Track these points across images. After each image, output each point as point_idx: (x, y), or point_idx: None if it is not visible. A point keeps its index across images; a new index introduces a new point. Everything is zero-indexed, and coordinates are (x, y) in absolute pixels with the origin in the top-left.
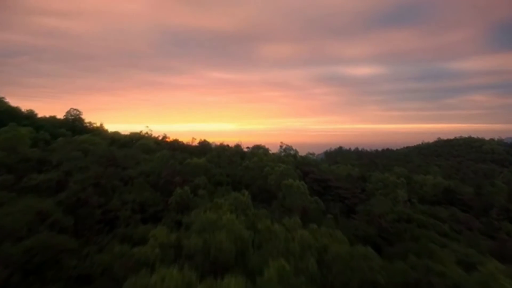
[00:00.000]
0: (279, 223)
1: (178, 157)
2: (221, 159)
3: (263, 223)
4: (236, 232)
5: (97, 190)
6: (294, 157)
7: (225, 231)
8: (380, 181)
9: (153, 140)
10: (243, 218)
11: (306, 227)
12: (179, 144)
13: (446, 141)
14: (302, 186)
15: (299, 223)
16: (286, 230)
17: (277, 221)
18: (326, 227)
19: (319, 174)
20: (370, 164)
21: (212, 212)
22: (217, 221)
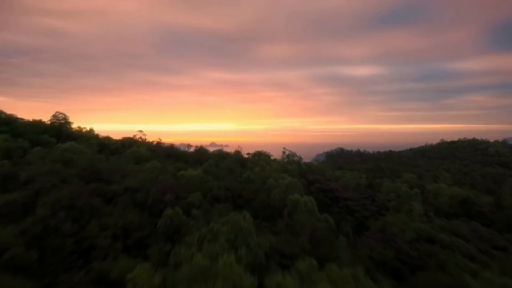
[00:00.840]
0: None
1: (171, 168)
2: (219, 169)
3: (271, 279)
4: (236, 280)
5: (71, 214)
6: (298, 164)
7: (221, 280)
8: (392, 191)
9: (147, 145)
10: (243, 252)
11: (323, 267)
12: (174, 149)
13: (450, 143)
14: (310, 203)
15: (315, 265)
16: (300, 279)
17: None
18: (347, 267)
19: (325, 183)
20: (376, 169)
21: (205, 252)
22: (211, 268)
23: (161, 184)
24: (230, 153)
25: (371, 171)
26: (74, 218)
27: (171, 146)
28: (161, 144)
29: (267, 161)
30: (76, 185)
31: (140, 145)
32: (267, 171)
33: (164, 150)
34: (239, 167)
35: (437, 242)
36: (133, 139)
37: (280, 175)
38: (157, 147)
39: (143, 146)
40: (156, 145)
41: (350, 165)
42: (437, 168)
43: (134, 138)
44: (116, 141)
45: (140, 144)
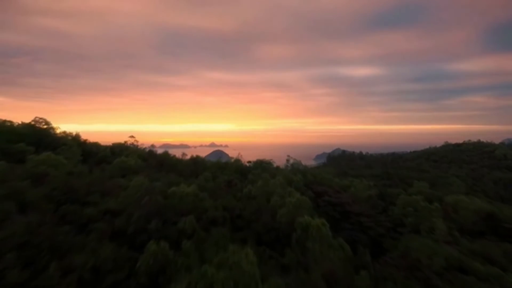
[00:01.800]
0: None
1: (161, 184)
2: (216, 183)
3: None
4: None
5: (25, 255)
6: (303, 174)
7: None
8: (409, 205)
9: (139, 152)
10: None
11: None
12: (168, 158)
13: (454, 145)
14: (323, 227)
15: None
16: None
17: None
18: None
19: (335, 195)
20: (384, 175)
21: None
22: None
23: (146, 207)
24: (229, 161)
25: (378, 177)
26: (29, 261)
27: (165, 153)
28: (153, 152)
29: (271, 171)
30: (39, 212)
31: (131, 153)
32: (271, 185)
33: (156, 158)
34: (239, 180)
35: (471, 273)
36: (124, 145)
37: (286, 191)
38: (150, 154)
39: (135, 153)
40: (149, 153)
41: (355, 171)
42: (446, 173)
43: (126, 144)
44: (105, 148)
45: (131, 151)
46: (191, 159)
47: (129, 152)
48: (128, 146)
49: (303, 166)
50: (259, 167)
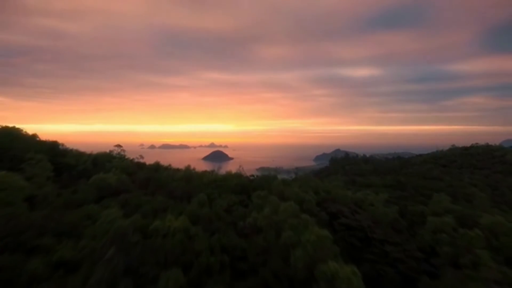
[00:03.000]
0: None
1: (139, 218)
2: (214, 208)
3: None
4: None
5: None
6: (314, 189)
7: None
8: (441, 230)
9: (125, 165)
10: None
11: None
12: (157, 173)
13: (462, 149)
14: (354, 278)
15: None
16: None
17: None
18: None
19: (352, 217)
20: (397, 185)
21: None
22: None
23: (111, 264)
24: (229, 173)
25: (391, 187)
26: None
27: (156, 165)
28: (142, 164)
29: (278, 187)
30: None
31: (116, 165)
32: (281, 212)
33: (144, 173)
34: (241, 202)
35: None
36: (110, 155)
37: (300, 221)
38: (138, 167)
39: (121, 165)
40: (137, 165)
41: (364, 178)
42: (461, 180)
43: (112, 153)
44: (86, 159)
45: (117, 163)
46: (184, 175)
47: (113, 165)
48: (115, 155)
49: (314, 179)
50: (264, 182)
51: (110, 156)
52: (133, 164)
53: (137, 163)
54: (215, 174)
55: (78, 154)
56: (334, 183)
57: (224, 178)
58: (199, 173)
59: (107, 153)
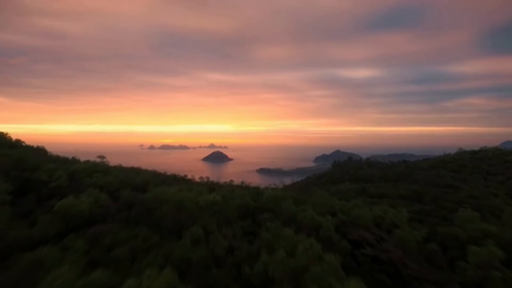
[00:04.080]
0: None
1: (110, 269)
2: (211, 250)
3: None
4: None
5: None
6: (331, 210)
7: None
8: (489, 265)
9: (108, 181)
10: None
11: None
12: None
13: (471, 152)
14: None
15: None
16: None
17: None
18: None
19: (378, 246)
20: (414, 196)
21: None
22: None
23: None
24: (230, 187)
25: (407, 199)
26: None
27: (143, 184)
28: (128, 180)
29: (291, 214)
30: None
31: (97, 181)
32: (300, 256)
33: (128, 193)
34: (246, 236)
35: None
36: (92, 168)
37: (325, 269)
38: (123, 184)
39: (103, 182)
40: (121, 182)
41: (375, 187)
42: (477, 188)
43: (96, 165)
44: (61, 173)
45: (99, 178)
46: (176, 204)
47: (93, 181)
48: (98, 167)
49: (329, 198)
50: (272, 203)
51: (92, 169)
52: (119, 181)
53: (121, 181)
54: (213, 195)
55: (54, 167)
56: (353, 202)
57: (224, 198)
58: (194, 194)
59: (89, 165)
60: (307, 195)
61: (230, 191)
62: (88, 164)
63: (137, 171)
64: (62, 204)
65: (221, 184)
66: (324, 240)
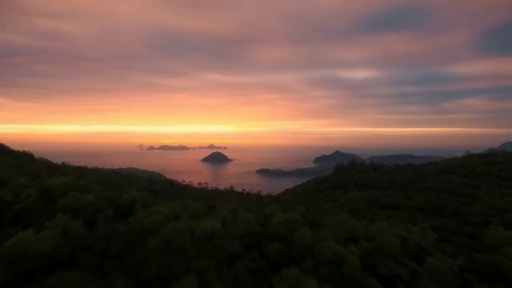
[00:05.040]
0: None
1: None
2: None
3: None
4: None
5: None
6: (352, 236)
7: None
8: None
9: (87, 202)
10: None
11: None
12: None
13: (480, 156)
14: None
15: None
16: None
17: None
18: None
19: (412, 282)
20: (432, 209)
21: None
22: None
23: None
24: (232, 211)
25: (425, 211)
26: None
27: (131, 204)
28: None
29: (307, 244)
30: None
31: (72, 202)
32: None
33: (106, 225)
34: (253, 277)
35: None
36: (70, 184)
37: None
38: (105, 201)
39: (80, 203)
40: (104, 200)
41: (387, 197)
42: (492, 195)
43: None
44: (30, 192)
45: (76, 199)
46: (164, 239)
47: (68, 201)
48: (81, 181)
49: (349, 221)
50: (284, 230)
51: (71, 184)
52: (99, 200)
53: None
54: (212, 222)
55: (25, 183)
56: (377, 224)
57: (225, 222)
58: (189, 218)
59: (67, 180)
60: (318, 211)
61: (232, 212)
62: (67, 179)
63: (129, 181)
64: (14, 244)
65: (221, 192)
66: (349, 279)
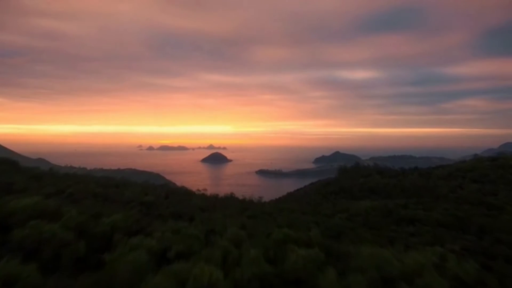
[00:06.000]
0: None
1: None
2: None
3: None
4: None
5: None
6: (388, 277)
7: None
8: None
9: (53, 231)
10: None
11: None
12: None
13: (490, 160)
14: None
15: None
16: None
17: None
18: None
19: None
20: (457, 224)
21: None
22: None
23: None
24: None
25: (449, 226)
26: None
27: (110, 232)
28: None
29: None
30: None
31: (36, 232)
32: None
33: None
34: None
35: None
36: (45, 204)
37: None
38: (77, 229)
39: (42, 234)
40: (76, 228)
41: (400, 206)
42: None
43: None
44: None
45: (38, 228)
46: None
47: (28, 232)
48: (52, 201)
49: (381, 255)
50: (305, 273)
51: (37, 208)
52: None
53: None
54: (210, 270)
55: None
56: (412, 256)
57: (226, 260)
58: (175, 274)
59: (35, 201)
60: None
61: (235, 241)
62: (33, 200)
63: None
64: None
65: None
66: None
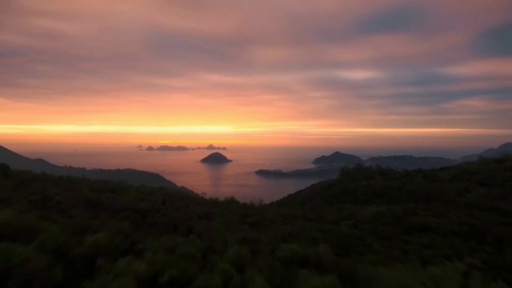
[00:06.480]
0: None
1: None
2: None
3: None
4: None
5: None
6: None
7: None
8: None
9: (24, 256)
10: None
11: None
12: None
13: (495, 162)
14: None
15: None
16: None
17: None
18: None
19: None
20: (471, 232)
21: None
22: None
23: None
24: None
25: (464, 236)
26: None
27: (93, 256)
28: None
29: None
30: None
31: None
32: None
33: None
34: None
35: None
36: (20, 218)
37: None
38: (56, 253)
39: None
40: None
41: (409, 212)
42: None
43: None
44: None
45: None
46: None
47: None
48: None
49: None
50: None
51: (12, 225)
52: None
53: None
54: None
55: None
56: (437, 275)
57: None
58: None
59: (10, 217)
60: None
61: (237, 263)
62: (7, 216)
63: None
64: None
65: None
66: None
